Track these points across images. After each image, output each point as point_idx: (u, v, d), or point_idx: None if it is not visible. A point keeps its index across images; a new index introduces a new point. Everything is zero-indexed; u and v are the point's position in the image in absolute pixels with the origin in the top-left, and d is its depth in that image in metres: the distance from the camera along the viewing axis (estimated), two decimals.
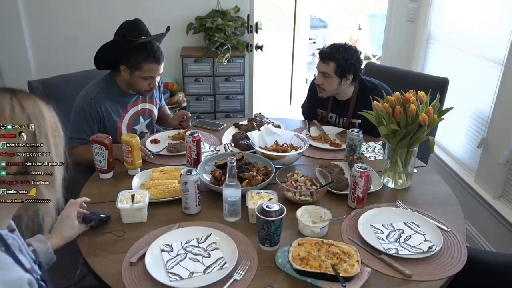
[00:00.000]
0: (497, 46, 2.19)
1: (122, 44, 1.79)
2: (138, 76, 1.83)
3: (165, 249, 1.21)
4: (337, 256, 1.16)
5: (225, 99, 3.74)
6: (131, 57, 1.79)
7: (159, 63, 1.83)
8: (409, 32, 3.05)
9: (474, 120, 2.44)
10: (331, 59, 1.96)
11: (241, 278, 1.12)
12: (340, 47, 1.98)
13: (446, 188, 1.62)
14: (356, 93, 2.07)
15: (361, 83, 2.07)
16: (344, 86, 2.02)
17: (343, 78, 1.98)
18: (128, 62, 1.81)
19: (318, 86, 2.06)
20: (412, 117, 1.47)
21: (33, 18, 3.53)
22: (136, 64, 1.80)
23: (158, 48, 1.83)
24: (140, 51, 1.78)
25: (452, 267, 1.18)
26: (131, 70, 1.82)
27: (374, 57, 6.21)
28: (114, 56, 1.83)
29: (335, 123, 2.18)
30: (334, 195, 1.52)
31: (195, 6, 3.62)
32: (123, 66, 1.82)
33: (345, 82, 2.00)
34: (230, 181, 1.34)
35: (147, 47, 1.79)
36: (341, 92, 2.08)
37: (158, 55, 1.82)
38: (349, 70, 1.97)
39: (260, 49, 3.09)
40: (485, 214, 2.28)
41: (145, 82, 1.85)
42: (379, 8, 6.30)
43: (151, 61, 1.80)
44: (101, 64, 1.88)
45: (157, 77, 1.89)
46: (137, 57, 1.79)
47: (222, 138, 1.98)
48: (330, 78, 1.99)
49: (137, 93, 1.93)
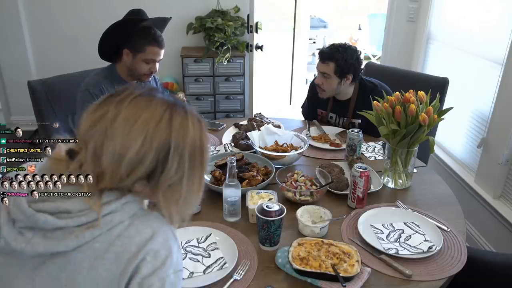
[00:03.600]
0: (497, 46, 2.19)
1: (128, 26, 1.86)
2: (140, 59, 1.88)
3: None
4: (337, 256, 1.16)
5: (225, 99, 3.74)
6: (134, 40, 1.86)
7: (161, 47, 1.91)
8: (409, 32, 3.05)
9: (474, 120, 2.44)
10: (330, 59, 1.96)
11: (241, 278, 1.13)
12: (340, 47, 1.97)
13: (446, 188, 1.62)
14: (356, 93, 2.07)
15: (361, 83, 2.07)
16: (344, 86, 2.02)
17: (342, 78, 1.98)
18: (132, 45, 1.87)
19: (318, 87, 2.06)
20: (412, 117, 1.48)
21: (33, 18, 3.53)
22: (139, 47, 1.86)
23: (160, 35, 1.92)
24: (144, 34, 1.86)
25: (452, 267, 1.18)
26: (134, 53, 1.88)
27: (374, 57, 6.21)
28: (118, 39, 1.88)
29: (335, 123, 2.18)
30: (334, 195, 1.52)
31: (195, 6, 3.62)
32: (126, 50, 1.88)
33: (345, 82, 2.00)
34: (230, 181, 1.34)
35: (150, 31, 1.87)
36: (341, 92, 2.08)
37: (161, 40, 1.90)
38: (349, 70, 1.97)
39: (260, 49, 3.08)
40: (485, 214, 2.28)
41: (146, 66, 1.91)
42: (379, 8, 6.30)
43: (154, 44, 1.87)
44: (105, 48, 1.92)
45: (157, 64, 1.94)
46: (141, 40, 1.86)
47: (222, 138, 1.98)
48: (330, 78, 1.99)
49: (137, 79, 1.96)
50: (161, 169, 0.77)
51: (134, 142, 0.74)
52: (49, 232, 0.73)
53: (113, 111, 0.75)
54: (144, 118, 0.75)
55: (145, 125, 0.75)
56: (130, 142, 0.74)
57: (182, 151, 0.78)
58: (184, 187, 0.81)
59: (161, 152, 0.76)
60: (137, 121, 0.75)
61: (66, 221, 0.73)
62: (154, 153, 0.75)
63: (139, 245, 0.75)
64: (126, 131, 0.74)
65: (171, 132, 0.76)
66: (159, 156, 0.76)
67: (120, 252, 0.74)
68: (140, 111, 0.76)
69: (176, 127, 0.77)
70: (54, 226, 0.73)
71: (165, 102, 0.79)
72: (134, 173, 0.75)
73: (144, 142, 0.74)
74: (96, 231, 0.74)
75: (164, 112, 0.77)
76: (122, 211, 0.76)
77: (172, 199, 0.81)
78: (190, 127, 0.80)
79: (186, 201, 0.83)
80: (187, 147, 0.79)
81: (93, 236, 0.74)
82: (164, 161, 0.76)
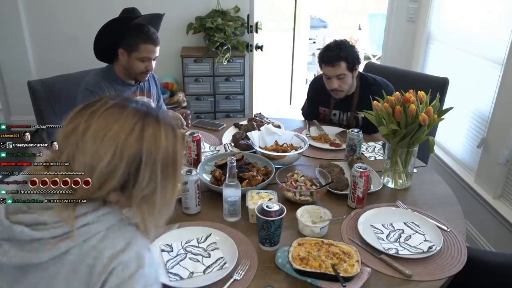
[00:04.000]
0: (497, 46, 2.19)
1: (120, 25, 1.85)
2: (135, 57, 1.88)
3: (165, 249, 1.21)
4: (337, 256, 1.16)
5: (225, 99, 3.74)
6: (129, 38, 1.86)
7: (155, 44, 1.90)
8: (409, 32, 3.05)
9: (474, 120, 2.44)
10: (339, 59, 1.97)
11: (241, 278, 1.13)
12: (340, 45, 2.00)
13: (446, 188, 1.62)
14: (358, 87, 2.10)
15: (362, 78, 2.11)
16: (353, 80, 2.07)
17: (353, 71, 2.03)
18: (126, 44, 1.87)
19: (334, 91, 2.05)
20: (412, 117, 1.48)
21: (33, 18, 3.53)
22: (133, 45, 1.86)
23: (154, 32, 1.91)
24: (137, 32, 1.86)
25: (452, 267, 1.18)
26: (128, 52, 1.87)
27: (374, 57, 6.20)
28: (112, 39, 1.87)
29: (339, 120, 2.19)
30: (334, 195, 1.52)
31: (195, 6, 3.62)
32: (121, 49, 1.88)
33: (355, 74, 2.05)
34: (230, 181, 1.34)
35: (144, 29, 1.87)
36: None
37: (155, 38, 1.89)
38: (357, 61, 2.02)
39: (260, 49, 3.08)
40: (485, 214, 2.28)
41: (142, 64, 1.90)
42: (379, 8, 6.29)
43: (148, 42, 1.87)
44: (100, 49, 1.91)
45: (153, 61, 1.93)
46: (135, 38, 1.86)
47: (222, 138, 1.98)
48: (345, 77, 2.01)
49: (133, 78, 1.96)
50: (133, 181, 0.77)
51: (105, 154, 0.74)
52: (27, 244, 0.73)
53: (84, 124, 0.75)
54: (115, 131, 0.75)
55: (115, 138, 0.74)
56: (101, 154, 0.74)
57: (154, 162, 0.77)
58: (158, 198, 0.80)
59: (132, 164, 0.75)
60: (106, 135, 0.74)
61: (43, 233, 0.73)
62: (125, 165, 0.75)
63: (110, 257, 0.74)
64: (96, 144, 0.74)
65: (142, 144, 0.76)
66: (130, 168, 0.75)
67: (92, 265, 0.73)
68: (111, 123, 0.75)
69: (148, 139, 0.77)
70: (31, 238, 0.73)
71: (137, 113, 0.78)
72: (106, 184, 0.75)
73: (115, 154, 0.74)
74: (71, 243, 0.73)
75: (135, 124, 0.76)
76: (98, 223, 0.76)
77: (147, 211, 0.80)
78: (163, 137, 0.79)
79: (161, 211, 0.82)
80: (159, 158, 0.78)
81: (68, 247, 0.73)
82: (136, 173, 0.76)
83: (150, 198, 0.79)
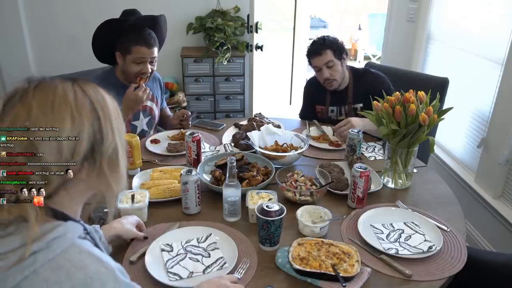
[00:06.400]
0: (497, 46, 2.19)
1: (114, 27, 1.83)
2: (130, 60, 1.86)
3: (165, 248, 1.21)
4: (337, 256, 1.16)
5: (225, 99, 3.74)
6: (123, 41, 1.85)
7: (149, 46, 1.85)
8: (409, 32, 3.05)
9: (474, 120, 2.44)
10: (325, 48, 2.05)
11: (241, 278, 1.12)
12: (323, 38, 2.10)
13: (446, 188, 1.62)
14: (351, 79, 2.16)
15: (353, 69, 2.19)
16: (344, 69, 2.11)
17: (341, 59, 2.09)
18: (121, 47, 1.86)
19: (327, 81, 2.10)
20: (412, 117, 1.47)
21: (33, 18, 3.53)
22: (127, 48, 1.84)
23: (150, 33, 1.87)
24: (130, 34, 1.84)
25: (452, 267, 1.18)
26: (123, 54, 1.86)
27: (374, 57, 6.21)
28: (108, 41, 1.86)
29: (336, 116, 2.19)
30: (334, 195, 1.52)
31: (195, 6, 3.62)
32: (118, 52, 1.87)
33: (344, 63, 2.10)
34: (230, 181, 1.34)
35: (136, 31, 1.84)
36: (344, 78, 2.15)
37: (149, 39, 1.85)
38: (343, 49, 2.09)
39: (260, 49, 3.08)
40: (485, 214, 2.28)
41: (137, 67, 1.88)
42: (379, 8, 6.29)
43: (141, 43, 1.83)
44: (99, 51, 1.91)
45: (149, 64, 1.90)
46: (128, 40, 1.84)
47: (222, 138, 1.98)
48: (335, 64, 2.06)
49: (131, 81, 1.93)
50: (100, 138, 0.73)
51: (64, 120, 0.69)
52: None
53: (23, 109, 0.68)
54: (59, 96, 0.70)
55: (65, 102, 0.70)
56: (60, 121, 0.69)
57: (108, 115, 0.75)
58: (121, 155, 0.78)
59: (93, 121, 0.72)
60: (54, 103, 0.69)
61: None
62: (89, 125, 0.71)
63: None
64: (48, 116, 0.68)
65: (92, 101, 0.73)
66: (93, 125, 0.72)
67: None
68: (51, 93, 0.70)
69: (93, 95, 0.74)
70: None
71: (66, 79, 0.74)
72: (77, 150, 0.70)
73: (73, 116, 0.70)
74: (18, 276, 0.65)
75: (72, 85, 0.73)
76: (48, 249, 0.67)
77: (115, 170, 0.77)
78: (102, 92, 0.77)
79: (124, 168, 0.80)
80: (110, 111, 0.76)
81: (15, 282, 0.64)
82: (100, 129, 0.73)
83: (115, 156, 0.76)
